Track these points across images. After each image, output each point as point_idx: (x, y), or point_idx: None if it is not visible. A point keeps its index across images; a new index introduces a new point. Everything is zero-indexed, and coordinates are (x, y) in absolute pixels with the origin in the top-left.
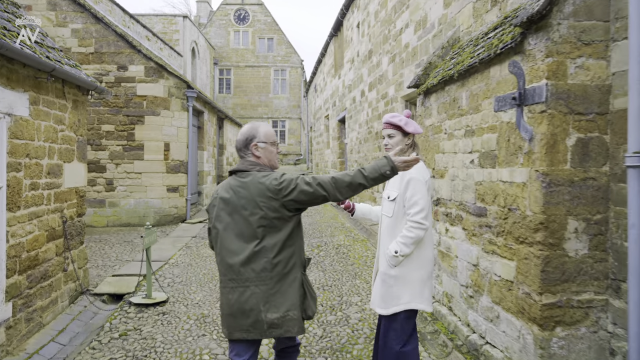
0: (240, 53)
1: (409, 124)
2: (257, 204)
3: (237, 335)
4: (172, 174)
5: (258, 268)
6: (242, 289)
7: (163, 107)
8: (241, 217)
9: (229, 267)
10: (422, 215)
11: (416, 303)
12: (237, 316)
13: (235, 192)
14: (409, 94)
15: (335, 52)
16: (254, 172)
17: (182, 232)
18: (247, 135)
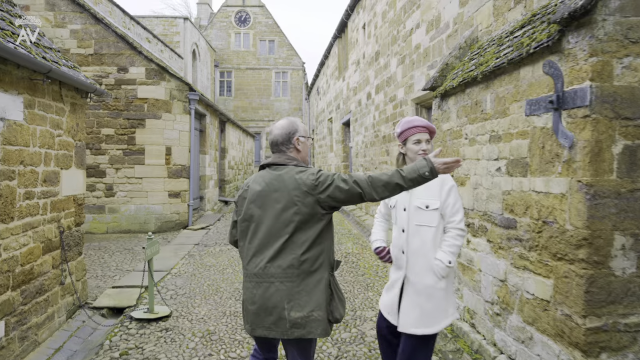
0: (241, 55)
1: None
2: (292, 198)
3: (258, 332)
4: (173, 179)
5: (285, 264)
6: (267, 284)
7: (164, 110)
8: (273, 210)
9: (256, 261)
10: (464, 222)
11: (455, 313)
12: (260, 313)
13: (268, 184)
14: (420, 96)
15: (339, 54)
16: (290, 166)
17: (184, 239)
18: (289, 130)
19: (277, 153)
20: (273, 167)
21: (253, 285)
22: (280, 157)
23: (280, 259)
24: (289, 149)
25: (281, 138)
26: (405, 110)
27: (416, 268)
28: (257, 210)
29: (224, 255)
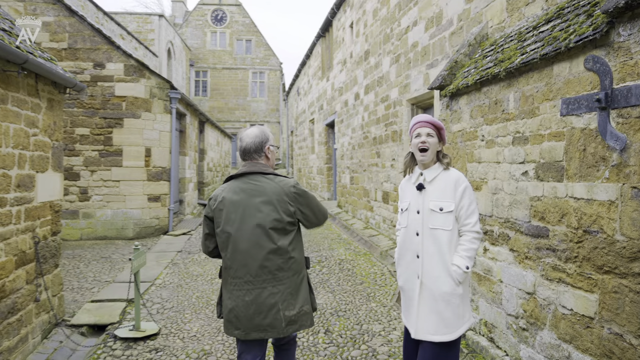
0: (218, 55)
1: (444, 130)
2: (275, 207)
3: (254, 336)
4: (153, 182)
5: (274, 268)
6: (259, 290)
7: (144, 109)
8: (255, 219)
9: (245, 269)
10: (480, 224)
11: (472, 318)
12: (254, 317)
13: (248, 194)
14: (417, 97)
15: (323, 53)
16: (270, 176)
17: (165, 245)
18: (261, 138)
19: (249, 161)
20: (248, 176)
21: (244, 293)
22: (256, 165)
23: (269, 264)
24: (260, 156)
25: (254, 146)
26: (399, 111)
27: (434, 273)
28: (239, 220)
29: (210, 263)
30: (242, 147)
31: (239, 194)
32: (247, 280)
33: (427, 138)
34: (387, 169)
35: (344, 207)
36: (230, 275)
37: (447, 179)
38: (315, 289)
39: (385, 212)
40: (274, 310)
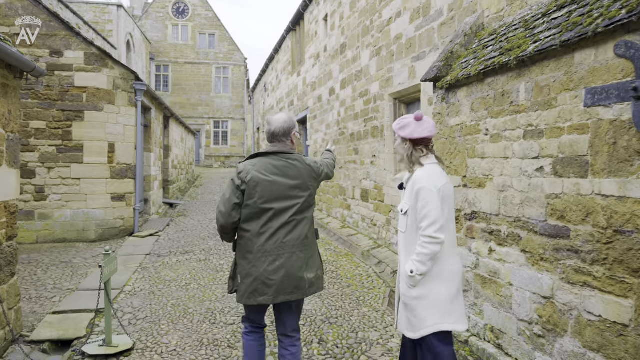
0: (179, 49)
1: (404, 128)
2: (306, 183)
3: (281, 299)
4: (117, 180)
5: (302, 237)
6: (289, 254)
7: (107, 101)
8: (290, 193)
9: (275, 237)
10: (434, 228)
11: (447, 324)
12: (284, 280)
13: (282, 171)
14: (401, 91)
15: (293, 47)
16: (296, 154)
17: (132, 248)
18: (289, 125)
19: (277, 143)
20: (280, 155)
21: (274, 259)
22: (284, 146)
23: (297, 233)
24: (287, 140)
25: (282, 131)
26: (380, 106)
27: (400, 273)
28: (275, 192)
29: (183, 266)
30: (271, 130)
31: (273, 169)
32: (277, 247)
33: (396, 146)
34: (366, 166)
35: (317, 205)
36: (258, 244)
37: (411, 179)
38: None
39: (365, 210)
40: (300, 273)
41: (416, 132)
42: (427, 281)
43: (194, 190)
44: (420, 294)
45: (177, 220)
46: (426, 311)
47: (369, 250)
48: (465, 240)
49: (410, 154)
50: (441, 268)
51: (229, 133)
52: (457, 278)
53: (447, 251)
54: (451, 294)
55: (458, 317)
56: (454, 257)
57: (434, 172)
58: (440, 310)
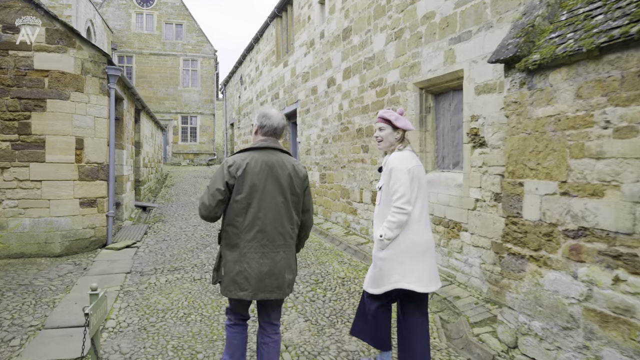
0: (144, 39)
1: (399, 119)
2: (292, 182)
3: (260, 296)
4: (87, 182)
5: (287, 236)
6: (274, 253)
7: (74, 87)
8: (278, 190)
9: (263, 234)
10: (403, 200)
11: (406, 283)
12: (266, 278)
13: (272, 167)
14: (432, 79)
15: (278, 36)
16: (287, 154)
17: (107, 264)
18: (285, 121)
19: (272, 138)
20: (271, 151)
21: (260, 256)
22: (277, 142)
23: (284, 231)
24: (281, 138)
25: (282, 128)
26: (402, 97)
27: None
28: (262, 189)
29: (176, 289)
30: (272, 125)
31: (263, 165)
32: (264, 244)
33: (379, 132)
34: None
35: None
36: (245, 239)
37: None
38: (332, 324)
39: None
40: (283, 273)
41: (408, 124)
42: (393, 246)
43: (166, 190)
44: (386, 256)
45: (155, 227)
46: (390, 270)
47: None
48: (567, 263)
49: (400, 140)
50: (406, 237)
51: (198, 129)
52: (419, 247)
53: (413, 223)
54: (412, 259)
55: (417, 280)
56: (418, 229)
57: (406, 156)
58: (401, 270)
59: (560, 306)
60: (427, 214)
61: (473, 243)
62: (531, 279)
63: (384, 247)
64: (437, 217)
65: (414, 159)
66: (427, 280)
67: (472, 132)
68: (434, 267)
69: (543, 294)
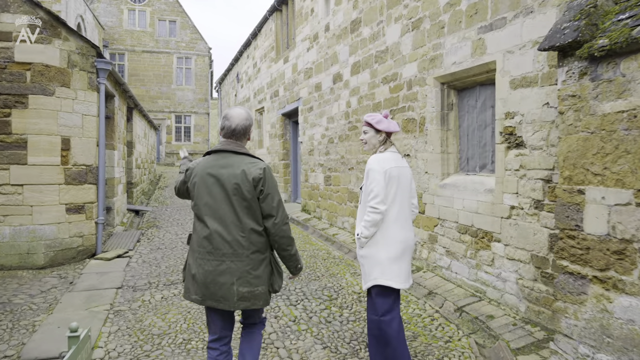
0: (137, 36)
1: (380, 122)
2: (241, 187)
3: (208, 303)
4: (74, 186)
5: (235, 244)
6: (218, 262)
7: (60, 82)
8: (224, 194)
9: (208, 240)
10: (376, 200)
11: (384, 280)
12: (210, 286)
13: (219, 170)
14: (456, 72)
15: (278, 30)
16: (243, 155)
17: (96, 277)
18: (250, 122)
19: (231, 139)
20: (223, 154)
21: (205, 262)
22: (234, 144)
23: (230, 239)
24: (244, 139)
25: (242, 129)
26: (420, 93)
27: None
28: (207, 193)
29: (173, 308)
30: (230, 127)
31: (211, 168)
32: (209, 250)
33: (363, 135)
34: None
35: (313, 212)
36: (196, 244)
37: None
38: (355, 352)
39: None
40: (228, 284)
41: (390, 127)
42: (372, 244)
43: (159, 193)
44: (366, 254)
45: (148, 233)
46: (370, 268)
47: None
48: None
49: (384, 142)
50: (383, 235)
51: (192, 128)
52: (396, 245)
53: (390, 222)
54: (390, 257)
55: (394, 277)
56: (395, 227)
57: (386, 157)
58: (380, 268)
59: (637, 339)
60: (407, 213)
61: (508, 255)
62: (595, 303)
63: (362, 245)
64: (462, 225)
65: (394, 160)
66: (404, 277)
67: (507, 131)
68: (409, 265)
69: (613, 323)
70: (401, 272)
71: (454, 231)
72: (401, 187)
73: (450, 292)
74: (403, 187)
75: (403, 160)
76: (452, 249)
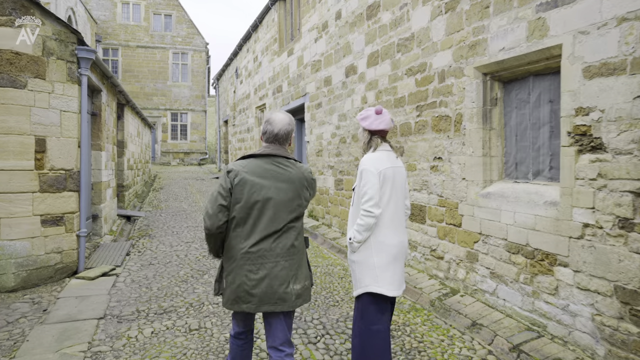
0: (131, 30)
1: (366, 119)
2: (297, 191)
3: (264, 309)
4: (52, 194)
5: (288, 245)
6: (273, 263)
7: (33, 73)
8: (280, 199)
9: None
10: (370, 203)
11: (375, 287)
12: (268, 290)
13: (274, 175)
14: (505, 60)
15: (281, 21)
16: (291, 160)
17: (75, 303)
18: (292, 126)
19: (276, 145)
20: (273, 158)
21: (257, 267)
22: (282, 150)
23: (284, 241)
24: (286, 144)
25: (286, 133)
26: (455, 85)
27: None
28: (263, 198)
29: (165, 346)
30: (274, 132)
31: (264, 173)
32: (261, 254)
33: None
34: (420, 173)
35: (322, 218)
36: (243, 250)
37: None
38: None
39: (418, 235)
40: (285, 283)
41: (374, 124)
42: (364, 249)
43: (154, 195)
44: (358, 259)
45: (140, 244)
46: (361, 274)
47: (440, 298)
48: None
49: (368, 141)
50: (376, 239)
51: (189, 126)
52: (390, 250)
53: (384, 226)
54: (382, 263)
55: (387, 284)
56: (389, 232)
57: (379, 157)
58: (372, 274)
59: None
60: (401, 216)
61: (579, 284)
62: None
63: (355, 250)
64: (512, 243)
65: (389, 161)
66: (397, 284)
67: (578, 131)
68: (403, 270)
69: None
70: (394, 279)
71: (501, 250)
72: (395, 189)
73: (499, 324)
74: (397, 188)
75: (398, 160)
76: (498, 270)
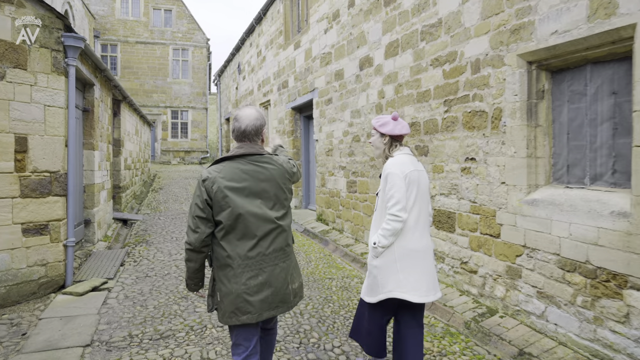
0: (130, 25)
1: (384, 125)
2: (281, 187)
3: (265, 316)
4: (34, 199)
5: (282, 246)
6: (272, 267)
7: (12, 62)
8: (264, 200)
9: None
10: (397, 207)
11: (399, 292)
12: (269, 295)
13: (253, 176)
14: (557, 46)
15: (287, 12)
16: (267, 156)
17: (59, 326)
18: (262, 121)
19: (247, 142)
20: (250, 157)
21: (256, 273)
22: (254, 147)
23: (279, 242)
24: (257, 139)
25: (254, 129)
26: (493, 77)
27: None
28: (247, 202)
29: None
30: (241, 128)
31: (242, 175)
32: (258, 260)
33: (372, 138)
34: (450, 175)
35: (333, 222)
36: (238, 258)
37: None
38: None
39: (446, 245)
40: (285, 284)
41: (396, 129)
42: (387, 253)
43: (153, 196)
44: (380, 264)
45: (136, 252)
46: (384, 279)
47: (476, 319)
48: None
49: (389, 147)
50: (400, 244)
51: (189, 124)
52: (414, 254)
53: (408, 230)
54: (406, 267)
55: (410, 289)
56: (413, 236)
57: (403, 161)
58: (395, 279)
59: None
60: (425, 220)
61: None
62: None
63: (378, 255)
64: (567, 259)
65: (412, 164)
66: (424, 290)
67: None
68: (432, 276)
69: None
70: (420, 284)
71: (552, 266)
72: (420, 193)
73: (553, 355)
74: (422, 192)
75: (419, 164)
76: (548, 290)
